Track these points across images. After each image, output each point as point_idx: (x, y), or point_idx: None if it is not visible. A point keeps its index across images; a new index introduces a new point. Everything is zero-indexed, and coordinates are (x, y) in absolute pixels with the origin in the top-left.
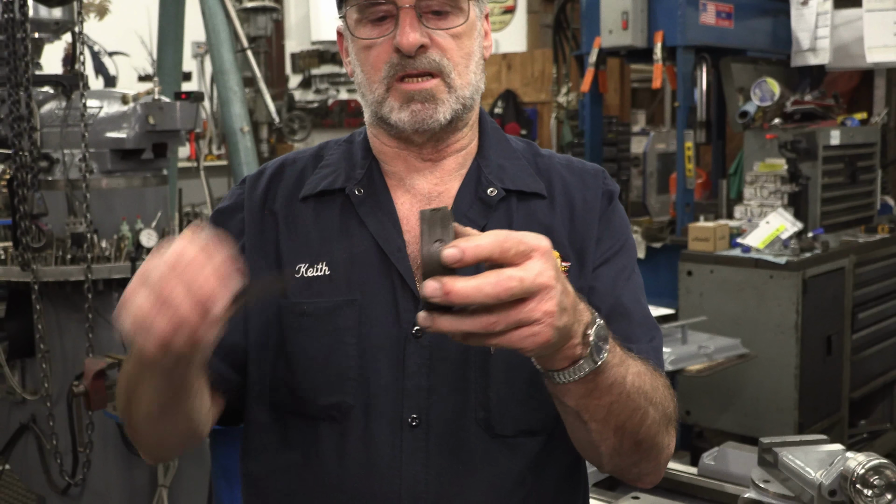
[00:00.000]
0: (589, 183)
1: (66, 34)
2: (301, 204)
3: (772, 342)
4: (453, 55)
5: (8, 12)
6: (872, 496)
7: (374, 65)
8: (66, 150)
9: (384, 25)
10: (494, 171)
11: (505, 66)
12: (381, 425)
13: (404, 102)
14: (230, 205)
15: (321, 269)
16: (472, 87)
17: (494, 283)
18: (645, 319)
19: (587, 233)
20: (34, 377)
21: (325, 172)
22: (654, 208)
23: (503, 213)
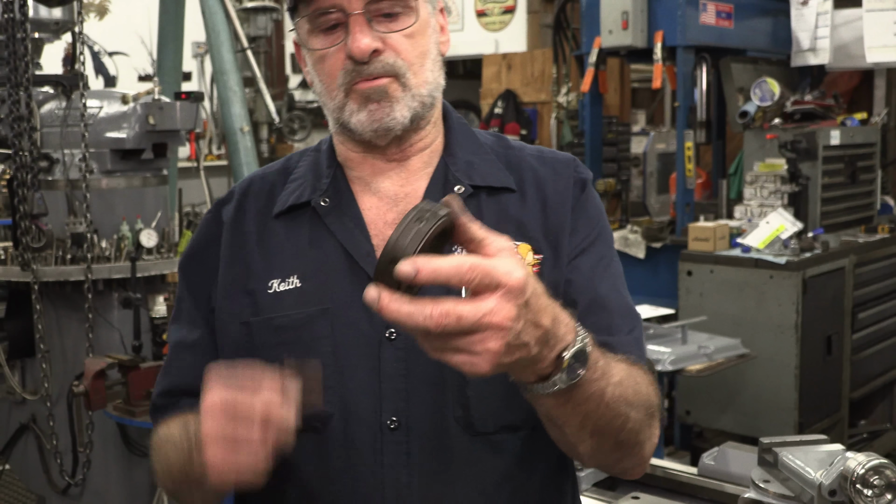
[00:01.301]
0: (561, 172)
1: (66, 34)
2: (274, 221)
3: (772, 342)
4: (408, 55)
5: (8, 12)
6: (872, 496)
7: (329, 73)
8: (66, 150)
9: (336, 34)
10: (462, 167)
11: (505, 66)
12: (360, 431)
13: (362, 103)
14: (205, 232)
15: (293, 282)
16: (430, 85)
17: (427, 316)
18: (624, 309)
19: (561, 224)
20: (34, 377)
21: (294, 187)
22: (654, 208)
23: (472, 210)
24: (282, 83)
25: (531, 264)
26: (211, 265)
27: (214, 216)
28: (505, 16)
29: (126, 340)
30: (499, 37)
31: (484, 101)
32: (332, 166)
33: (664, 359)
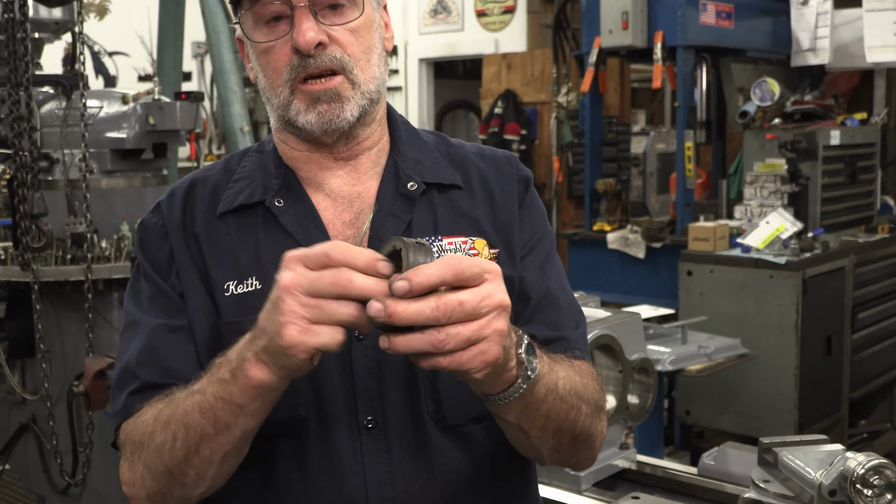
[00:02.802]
0: (504, 171)
1: (66, 34)
2: (220, 221)
3: (772, 342)
4: (353, 50)
5: (8, 12)
6: (872, 496)
7: (275, 68)
8: (66, 150)
9: (280, 26)
10: (411, 165)
11: (505, 66)
12: (338, 432)
13: (310, 104)
14: (154, 232)
15: (252, 284)
16: (376, 81)
17: (434, 307)
18: (571, 305)
19: (510, 221)
20: (34, 377)
21: (241, 186)
22: (654, 208)
23: (426, 207)
24: None
25: (488, 258)
26: (163, 260)
27: (157, 215)
28: (505, 16)
29: None
30: (499, 37)
31: (484, 101)
32: (280, 167)
33: (664, 359)
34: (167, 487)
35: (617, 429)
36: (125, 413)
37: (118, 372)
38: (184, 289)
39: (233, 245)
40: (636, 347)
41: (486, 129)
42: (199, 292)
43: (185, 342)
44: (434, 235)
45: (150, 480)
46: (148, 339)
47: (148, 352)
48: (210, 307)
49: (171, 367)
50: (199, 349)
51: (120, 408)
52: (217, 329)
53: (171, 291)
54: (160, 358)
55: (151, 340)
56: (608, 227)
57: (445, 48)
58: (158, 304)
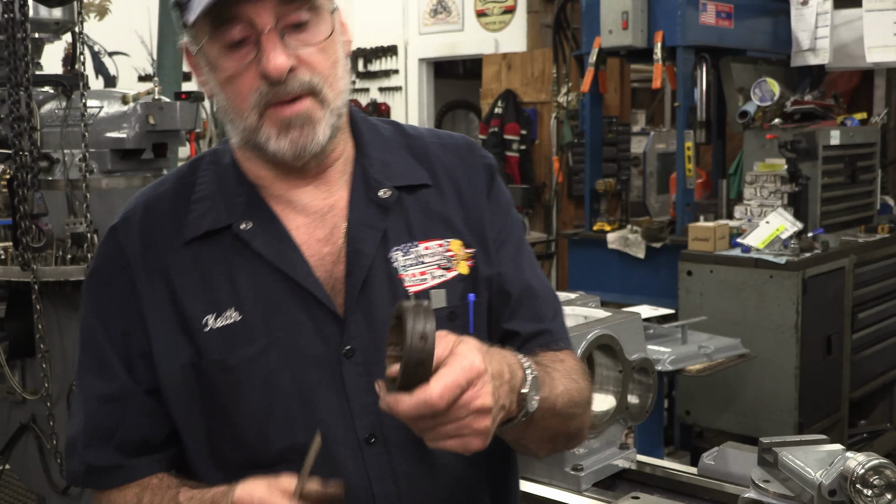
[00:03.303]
0: (467, 160)
1: (66, 34)
2: (186, 249)
3: (772, 342)
4: (322, 68)
5: (8, 12)
6: (872, 496)
7: (240, 94)
8: (66, 150)
9: (243, 50)
10: (379, 169)
11: (505, 66)
12: (340, 452)
13: (281, 130)
14: (109, 264)
15: (231, 316)
16: (344, 94)
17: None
18: (547, 294)
19: (480, 217)
20: (34, 377)
21: (203, 209)
22: (654, 208)
23: (399, 212)
24: None
25: (465, 258)
26: (121, 299)
27: (114, 245)
28: (505, 16)
29: None
30: (499, 37)
31: (484, 101)
32: (243, 184)
33: (664, 359)
34: None
35: (617, 429)
36: (89, 485)
37: (68, 439)
38: (150, 332)
39: (204, 275)
40: (636, 347)
41: (486, 129)
42: (170, 331)
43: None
44: (410, 241)
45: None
46: (88, 415)
47: (90, 430)
48: (186, 346)
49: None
50: (171, 394)
51: (79, 479)
52: (197, 369)
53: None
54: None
55: (90, 416)
56: (608, 227)
57: (445, 48)
58: (94, 366)
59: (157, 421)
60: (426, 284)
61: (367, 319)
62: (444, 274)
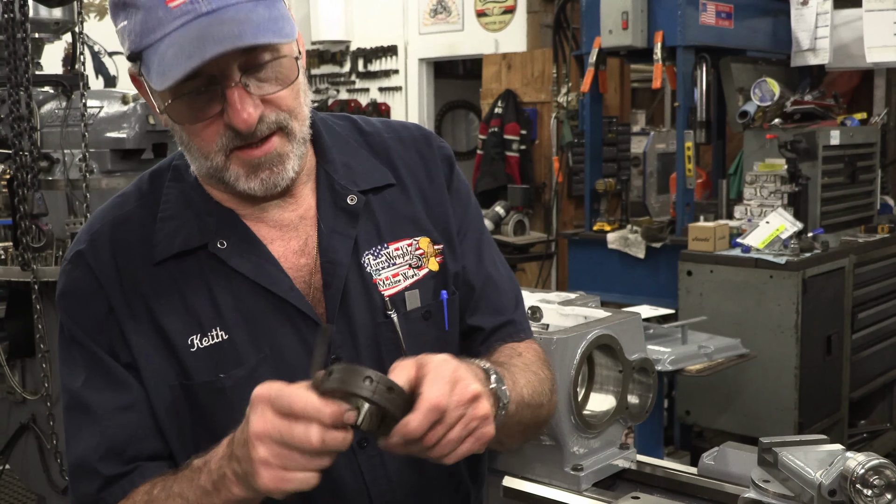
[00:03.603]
0: (425, 153)
1: (66, 34)
2: (159, 269)
3: (772, 342)
4: (287, 104)
5: (8, 12)
6: (872, 496)
7: (205, 139)
8: (66, 150)
9: (205, 98)
10: (343, 174)
11: (505, 66)
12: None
13: (251, 171)
14: (81, 289)
15: (217, 335)
16: (308, 119)
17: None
18: (508, 284)
19: (443, 209)
20: (34, 377)
21: (172, 228)
22: (654, 208)
23: (367, 216)
24: None
25: (433, 255)
26: (100, 318)
27: (83, 270)
28: (505, 16)
29: None
30: (499, 37)
31: (484, 101)
32: (210, 203)
33: (664, 359)
34: None
35: (617, 429)
36: (104, 484)
37: (75, 461)
38: (133, 352)
39: (183, 295)
40: (636, 347)
41: (486, 129)
42: (153, 354)
43: (137, 419)
44: (380, 244)
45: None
46: (102, 430)
47: (106, 444)
48: (170, 368)
49: (129, 451)
50: (160, 414)
51: (92, 500)
52: (186, 389)
53: (111, 361)
54: (118, 447)
55: (107, 430)
56: (608, 227)
57: (445, 48)
58: (101, 380)
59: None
60: (399, 286)
61: (349, 328)
62: (415, 273)
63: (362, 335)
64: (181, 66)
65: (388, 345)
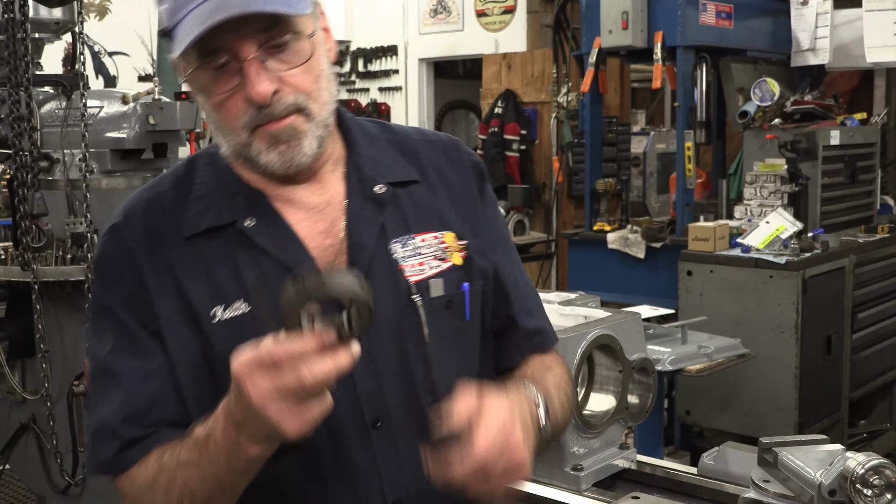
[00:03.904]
0: (454, 158)
1: (66, 34)
2: (188, 244)
3: (772, 342)
4: (306, 86)
5: (8, 12)
6: (872, 496)
7: (231, 115)
8: (66, 150)
9: (229, 75)
10: (371, 166)
11: (505, 66)
12: (348, 436)
13: (270, 144)
14: (114, 259)
15: (240, 307)
16: (329, 105)
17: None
18: (532, 289)
19: (473, 213)
20: (34, 377)
21: (203, 206)
22: (654, 208)
23: (394, 206)
24: None
25: (457, 250)
26: (131, 289)
27: (117, 241)
28: (505, 16)
29: None
30: (499, 37)
31: (484, 101)
32: (241, 184)
33: (664, 359)
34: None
35: (617, 429)
36: (117, 469)
37: (97, 424)
38: (160, 321)
39: (209, 269)
40: (636, 347)
41: (486, 129)
42: (178, 323)
43: (160, 387)
44: (407, 234)
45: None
46: (126, 394)
47: (128, 407)
48: (194, 338)
49: (150, 416)
50: (182, 382)
51: (109, 463)
52: (207, 358)
53: (140, 329)
54: (140, 411)
55: (130, 395)
56: (608, 227)
57: (445, 48)
58: (127, 346)
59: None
60: (425, 274)
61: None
62: (440, 264)
63: (385, 318)
64: (194, 31)
65: (411, 328)
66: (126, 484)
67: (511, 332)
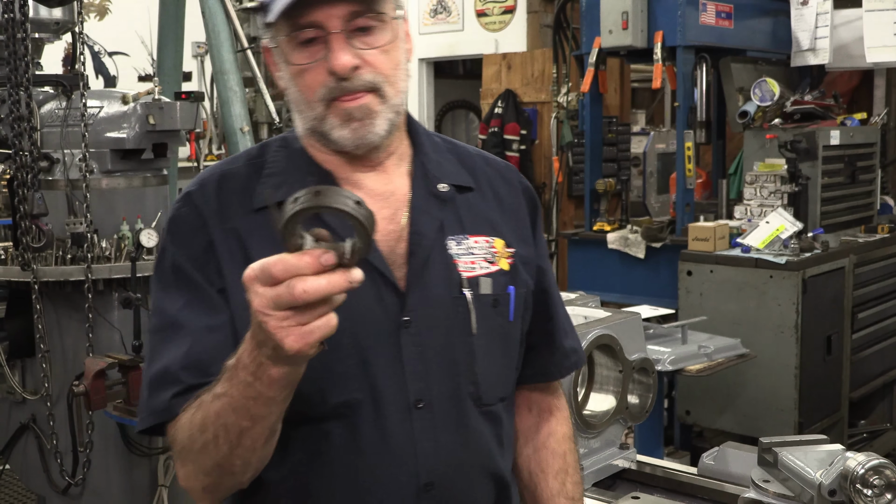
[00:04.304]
0: (507, 177)
1: (66, 34)
2: (257, 215)
3: (772, 342)
4: (384, 69)
5: (8, 12)
6: (872, 496)
7: (309, 86)
8: (66, 150)
9: (314, 48)
10: (436, 167)
11: (505, 66)
12: (391, 412)
13: (344, 120)
14: (186, 224)
15: None
16: (402, 94)
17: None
18: (566, 311)
19: (523, 231)
20: (34, 377)
21: (275, 182)
22: (654, 208)
23: (451, 207)
24: None
25: (506, 256)
26: (201, 250)
27: (190, 206)
28: (505, 16)
29: (126, 340)
30: (499, 37)
31: (484, 101)
32: (313, 165)
33: (664, 359)
34: (218, 479)
35: (617, 429)
36: (169, 414)
37: (157, 372)
38: (226, 281)
39: (275, 239)
40: (636, 347)
41: (486, 129)
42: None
43: (224, 341)
44: (462, 234)
45: (202, 475)
46: (191, 344)
47: (192, 356)
48: None
49: (211, 368)
50: (241, 338)
51: (163, 408)
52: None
53: (209, 287)
54: (203, 361)
55: (195, 345)
56: (608, 227)
57: (445, 48)
58: (197, 302)
59: None
60: (476, 272)
61: (423, 295)
62: (489, 266)
63: (437, 307)
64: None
65: (460, 320)
66: (173, 430)
67: (547, 348)
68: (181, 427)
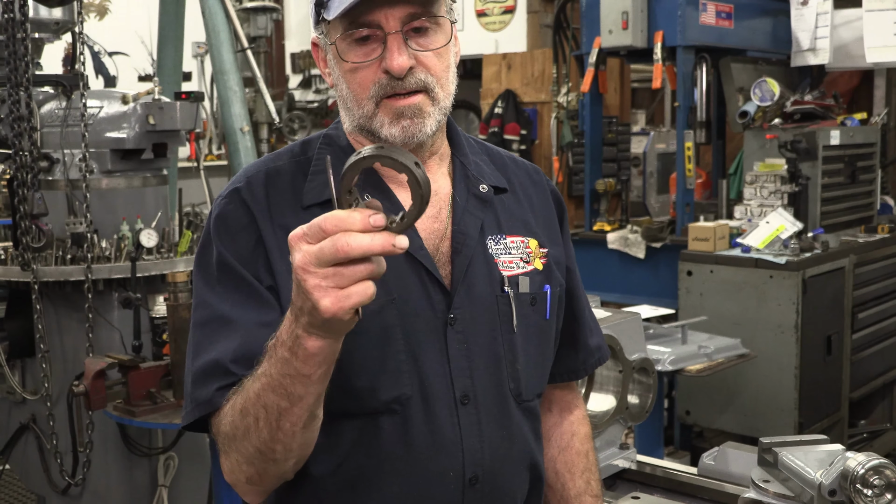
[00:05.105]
0: (535, 179)
1: (66, 34)
2: (305, 213)
3: (772, 342)
4: (437, 71)
5: (8, 12)
6: (872, 496)
7: (361, 84)
8: (66, 150)
9: (369, 46)
10: (476, 169)
11: (505, 66)
12: (439, 408)
13: (394, 118)
14: (234, 219)
15: None
16: (451, 96)
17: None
18: (591, 309)
19: (553, 232)
20: (34, 377)
21: (322, 180)
22: (654, 208)
23: (490, 207)
24: (282, 83)
25: (540, 256)
26: (249, 247)
27: (238, 202)
28: (505, 16)
29: (126, 340)
30: (499, 37)
31: (484, 101)
32: None
33: (664, 359)
34: (262, 468)
35: (617, 429)
36: (211, 406)
37: (204, 364)
38: (276, 278)
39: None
40: (636, 347)
41: (487, 129)
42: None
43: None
44: (500, 234)
45: (245, 465)
46: (243, 339)
47: (243, 350)
48: None
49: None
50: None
51: (206, 400)
52: None
53: (257, 283)
54: (252, 355)
55: (246, 339)
56: (608, 227)
57: None
58: (247, 298)
59: None
60: (515, 271)
61: (468, 293)
62: (525, 266)
63: (480, 304)
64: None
65: (502, 317)
66: (216, 423)
67: (573, 348)
68: (224, 416)
